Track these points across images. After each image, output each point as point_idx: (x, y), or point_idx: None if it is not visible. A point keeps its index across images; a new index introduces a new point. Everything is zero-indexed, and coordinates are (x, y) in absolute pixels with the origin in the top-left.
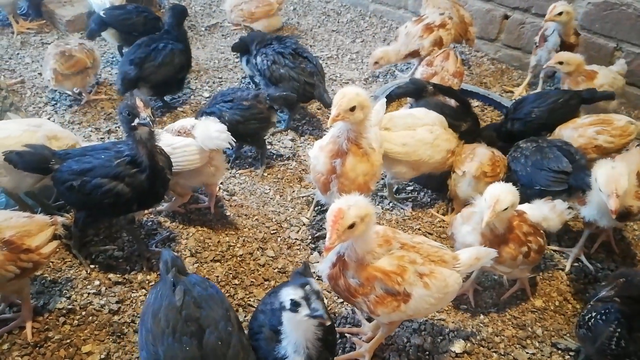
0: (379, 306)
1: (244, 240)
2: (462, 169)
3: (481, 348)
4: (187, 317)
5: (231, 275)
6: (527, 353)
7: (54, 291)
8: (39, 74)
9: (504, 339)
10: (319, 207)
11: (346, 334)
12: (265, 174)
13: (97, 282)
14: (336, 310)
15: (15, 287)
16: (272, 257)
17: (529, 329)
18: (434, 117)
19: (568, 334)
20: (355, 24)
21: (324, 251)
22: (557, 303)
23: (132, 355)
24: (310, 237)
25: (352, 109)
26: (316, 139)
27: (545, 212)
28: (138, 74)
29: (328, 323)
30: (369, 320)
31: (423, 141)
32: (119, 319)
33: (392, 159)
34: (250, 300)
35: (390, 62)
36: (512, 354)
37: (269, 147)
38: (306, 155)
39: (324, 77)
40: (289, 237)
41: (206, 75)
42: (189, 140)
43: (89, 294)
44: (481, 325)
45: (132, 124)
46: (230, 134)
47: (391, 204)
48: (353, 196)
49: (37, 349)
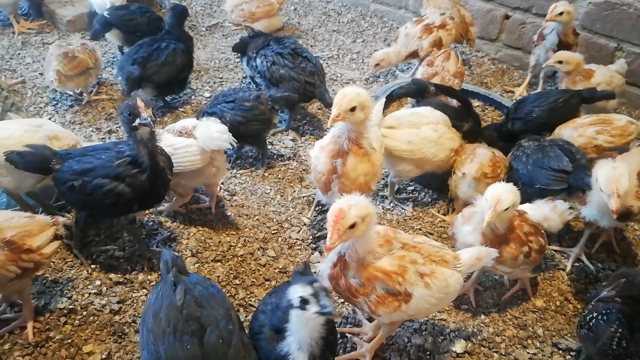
0: (380, 306)
1: (244, 240)
2: (462, 170)
3: (482, 348)
4: (188, 316)
5: (232, 275)
6: (528, 353)
7: (55, 291)
8: (39, 74)
9: (505, 339)
10: (320, 207)
11: (347, 334)
12: (266, 174)
13: (98, 282)
14: (337, 311)
15: (16, 287)
16: (273, 257)
17: (530, 329)
18: (438, 116)
19: (569, 334)
20: (356, 24)
21: (324, 251)
22: (558, 303)
23: (134, 355)
24: (311, 237)
25: (353, 109)
26: (317, 139)
27: (546, 212)
28: (142, 73)
29: (338, 319)
30: (370, 320)
31: (428, 139)
32: (120, 319)
33: (397, 157)
34: (251, 300)
35: (391, 64)
36: (513, 354)
37: (269, 147)
38: (307, 155)
39: (324, 77)
40: (290, 237)
41: (207, 75)
42: (191, 140)
43: (90, 294)
44: (482, 325)
45: (133, 124)
46: (231, 134)
47: (392, 204)
48: (354, 196)
49: (38, 349)
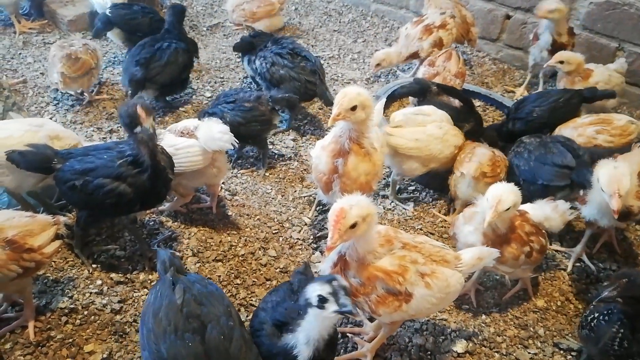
0: (381, 306)
1: (245, 240)
2: (461, 170)
3: (483, 348)
4: (189, 315)
5: (233, 274)
6: (529, 353)
7: (56, 290)
8: (41, 73)
9: (506, 339)
10: (321, 206)
11: (348, 334)
12: (267, 174)
13: (99, 282)
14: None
15: (17, 286)
16: (273, 256)
17: (531, 329)
18: (441, 114)
19: (570, 334)
20: (357, 23)
21: (325, 251)
22: (559, 303)
23: (134, 354)
24: (312, 237)
25: (354, 108)
26: (318, 138)
27: (547, 212)
28: (145, 74)
29: (359, 318)
30: (371, 320)
31: (433, 136)
32: (121, 319)
33: (403, 155)
34: (252, 300)
35: (392, 65)
36: (514, 354)
37: (270, 147)
38: (308, 155)
39: (324, 75)
40: (291, 236)
41: (208, 75)
42: (192, 141)
43: (91, 293)
44: (483, 325)
45: (134, 131)
46: (232, 135)
47: (393, 204)
48: (355, 196)
49: (39, 348)
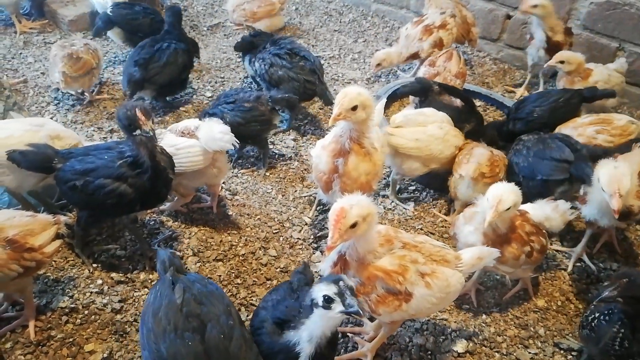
0: (381, 305)
1: (246, 240)
2: (459, 171)
3: (483, 348)
4: (188, 314)
5: (233, 274)
6: (530, 353)
7: (56, 290)
8: (41, 73)
9: (507, 339)
10: (321, 206)
11: (348, 334)
12: (267, 174)
13: (99, 281)
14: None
15: (18, 285)
16: (274, 256)
17: (532, 328)
18: (442, 116)
19: (570, 334)
20: (358, 23)
21: (326, 250)
22: (559, 303)
23: (135, 354)
24: (312, 237)
25: (354, 108)
26: (318, 138)
27: (547, 212)
28: (143, 75)
29: (365, 318)
30: (371, 319)
31: (434, 136)
32: (122, 318)
33: (404, 155)
34: (252, 300)
35: (392, 65)
36: (515, 354)
37: (271, 146)
38: (308, 155)
39: (323, 75)
40: (291, 236)
41: (208, 75)
42: (193, 141)
43: (91, 293)
44: (483, 325)
45: (133, 134)
46: (233, 135)
47: (393, 204)
48: (355, 195)
49: (39, 347)
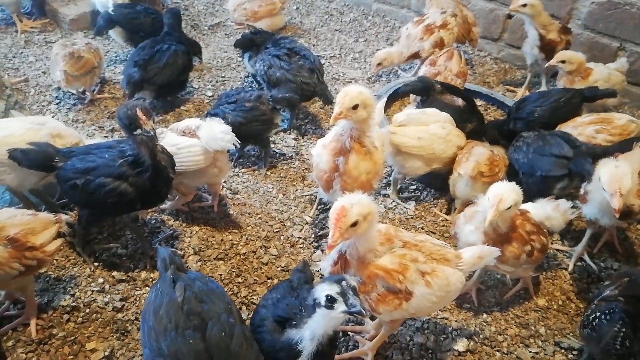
0: (381, 304)
1: (247, 239)
2: (458, 170)
3: (484, 347)
4: (189, 312)
5: (234, 273)
6: (530, 352)
7: (58, 288)
8: (42, 72)
9: (507, 338)
10: (322, 205)
11: (349, 332)
12: (268, 173)
13: (100, 280)
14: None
15: (19, 284)
16: (275, 255)
17: (532, 328)
18: (444, 116)
19: (571, 333)
20: (358, 23)
21: (326, 249)
22: (560, 302)
23: (136, 352)
24: (313, 236)
25: (355, 107)
26: (319, 137)
27: (548, 211)
28: (142, 75)
29: (367, 318)
30: (372, 318)
31: (437, 135)
32: (123, 317)
33: (406, 154)
34: (253, 299)
35: (393, 64)
36: (515, 353)
37: (271, 146)
38: (309, 154)
39: (323, 74)
40: (292, 235)
41: (209, 74)
42: (194, 140)
43: (92, 291)
44: (484, 324)
45: (134, 133)
46: (234, 134)
47: (394, 203)
48: (356, 194)
49: (41, 346)
